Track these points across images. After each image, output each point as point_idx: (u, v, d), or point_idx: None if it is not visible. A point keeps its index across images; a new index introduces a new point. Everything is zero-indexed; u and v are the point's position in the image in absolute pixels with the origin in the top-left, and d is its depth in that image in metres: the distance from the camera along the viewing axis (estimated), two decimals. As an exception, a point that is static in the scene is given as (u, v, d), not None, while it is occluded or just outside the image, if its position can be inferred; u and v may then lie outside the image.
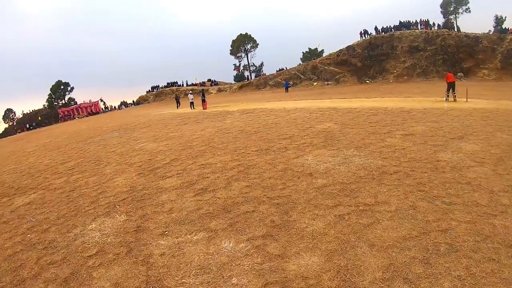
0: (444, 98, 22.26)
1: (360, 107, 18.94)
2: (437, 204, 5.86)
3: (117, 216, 7.27)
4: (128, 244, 5.72)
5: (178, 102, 43.52)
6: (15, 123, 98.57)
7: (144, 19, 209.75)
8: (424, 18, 69.44)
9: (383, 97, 27.52)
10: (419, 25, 67.30)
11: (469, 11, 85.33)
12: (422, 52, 60.53)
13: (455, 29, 67.01)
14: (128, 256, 5.33)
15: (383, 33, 67.47)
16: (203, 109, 31.75)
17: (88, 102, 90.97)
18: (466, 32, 61.96)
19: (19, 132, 76.39)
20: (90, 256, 5.57)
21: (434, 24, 67.19)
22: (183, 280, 4.58)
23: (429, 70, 58.45)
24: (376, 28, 69.33)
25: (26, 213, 8.84)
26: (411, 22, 68.51)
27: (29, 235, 7.20)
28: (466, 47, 57.67)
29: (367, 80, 61.89)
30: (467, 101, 20.77)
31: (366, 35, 69.56)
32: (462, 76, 53.61)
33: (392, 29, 67.61)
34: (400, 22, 69.38)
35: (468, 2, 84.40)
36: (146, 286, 4.61)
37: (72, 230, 6.98)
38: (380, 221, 5.35)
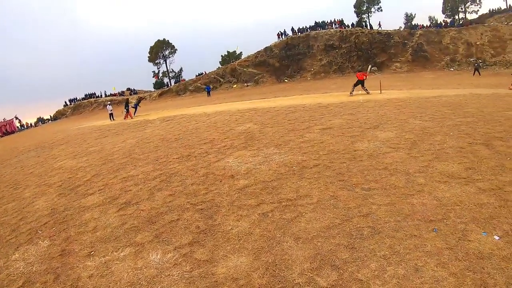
0: (349, 93, 23.28)
1: (279, 106, 19.30)
2: (357, 191, 6.16)
3: (40, 242, 6.99)
4: (55, 270, 5.55)
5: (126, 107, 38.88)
6: None
7: (54, 26, 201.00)
8: (338, 18, 72.12)
9: (301, 94, 28.26)
10: (333, 24, 69.94)
11: (381, 10, 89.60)
12: (337, 50, 63.99)
13: (368, 27, 70.30)
14: (56, 283, 5.17)
15: (299, 33, 69.73)
16: (126, 118, 31.04)
17: (2, 120, 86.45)
18: (378, 29, 65.60)
19: None
20: (16, 288, 5.32)
21: (348, 25, 70.06)
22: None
23: (344, 66, 61.94)
24: (292, 29, 71.33)
25: None
26: (326, 22, 71.05)
27: None
28: (379, 43, 62.25)
29: (286, 79, 63.38)
30: (381, 93, 21.85)
31: (283, 36, 71.34)
32: (376, 70, 56.42)
33: (308, 29, 69.80)
34: (316, 23, 71.96)
35: (380, 2, 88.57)
36: None
37: None
38: (303, 214, 5.54)
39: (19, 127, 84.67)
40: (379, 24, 68.76)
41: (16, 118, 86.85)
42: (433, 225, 4.85)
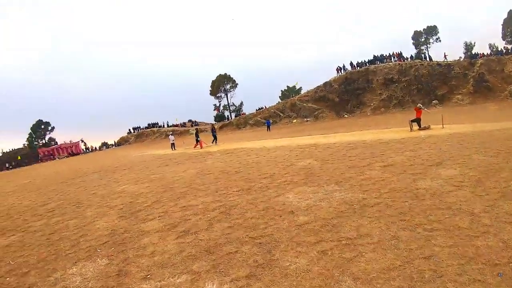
0: (409, 128, 22.71)
1: (339, 142, 19.16)
2: (419, 232, 5.90)
3: (98, 260, 7.16)
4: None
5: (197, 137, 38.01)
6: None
7: (127, 62, 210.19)
8: (397, 51, 71.28)
9: (361, 130, 27.96)
10: (392, 57, 69.06)
11: (440, 40, 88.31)
12: (397, 84, 62.84)
13: (427, 59, 68.90)
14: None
15: (358, 67, 69.30)
16: (199, 148, 31.55)
17: (69, 142, 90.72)
18: (438, 60, 64.42)
19: (-3, 172, 75.35)
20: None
21: (407, 58, 69.06)
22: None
23: (404, 101, 60.44)
24: (351, 64, 71.02)
25: (5, 256, 8.69)
26: (384, 55, 70.26)
27: (8, 279, 7.08)
28: (439, 75, 60.62)
29: (345, 114, 62.91)
30: (443, 128, 21.25)
31: (342, 70, 71.26)
32: (437, 103, 55.17)
33: (367, 64, 69.16)
34: (374, 56, 71.42)
35: (438, 32, 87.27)
36: None
37: (52, 274, 6.86)
38: (363, 253, 5.35)
39: (84, 149, 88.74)
40: (445, 55, 66.95)
41: (82, 141, 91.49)
42: (499, 269, 4.57)
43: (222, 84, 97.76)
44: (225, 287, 5.08)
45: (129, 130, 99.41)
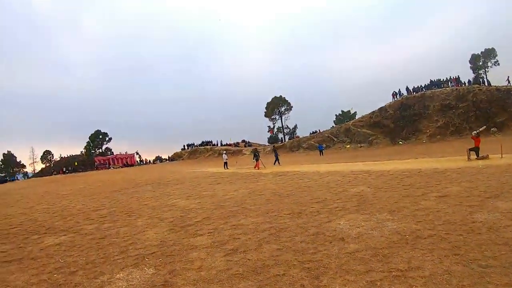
0: (467, 158, 21.82)
1: (394, 169, 18.75)
2: (473, 268, 5.61)
3: (145, 268, 7.29)
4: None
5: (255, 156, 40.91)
6: (52, 165, 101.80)
7: (181, 73, 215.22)
8: (454, 74, 69.37)
9: (416, 158, 27.25)
10: (449, 82, 67.16)
11: (498, 64, 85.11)
12: (454, 110, 60.16)
13: (486, 84, 66.22)
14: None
15: (414, 93, 67.72)
16: (257, 168, 31.76)
17: (124, 153, 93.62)
18: (497, 85, 61.28)
19: (54, 174, 79.06)
20: None
21: (464, 83, 66.90)
22: None
23: (462, 128, 57.72)
24: (407, 89, 69.65)
25: (55, 253, 9.09)
26: (441, 80, 68.52)
27: (56, 275, 7.35)
28: (498, 100, 57.08)
29: (400, 141, 61.43)
30: (502, 157, 20.29)
31: (397, 95, 69.90)
32: (496, 131, 52.54)
33: (423, 89, 67.65)
34: (431, 81, 69.66)
35: (497, 55, 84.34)
36: None
37: (99, 276, 7.07)
38: (414, 287, 5.14)
39: (139, 161, 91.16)
40: (508, 80, 62.88)
41: (137, 153, 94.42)
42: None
43: (277, 106, 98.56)
44: (271, 310, 5.04)
45: (183, 146, 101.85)
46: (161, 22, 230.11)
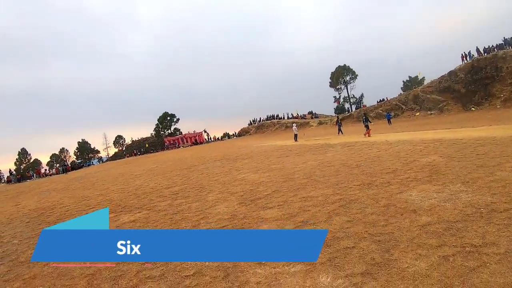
0: None
1: (466, 137, 18.00)
2: (554, 247, 5.37)
3: (217, 241, 7.53)
4: (226, 269, 5.89)
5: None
6: (124, 148, 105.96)
7: (241, 53, 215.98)
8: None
9: (490, 125, 25.99)
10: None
11: None
12: (531, 71, 55.49)
13: None
14: (224, 281, 5.48)
15: (485, 54, 62.82)
16: (368, 136, 30.44)
17: (193, 132, 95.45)
18: None
19: (127, 157, 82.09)
20: (187, 276, 5.85)
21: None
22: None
23: None
24: (477, 50, 65.05)
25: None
26: None
27: None
28: None
29: (472, 107, 58.18)
30: None
31: (467, 58, 65.67)
32: None
33: (495, 49, 62.69)
34: (505, 39, 64.27)
35: None
36: None
37: None
38: (487, 264, 4.97)
39: (207, 139, 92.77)
40: None
41: (205, 131, 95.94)
42: None
43: (341, 76, 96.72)
44: (339, 282, 5.06)
45: (250, 121, 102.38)
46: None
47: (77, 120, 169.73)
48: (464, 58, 66.38)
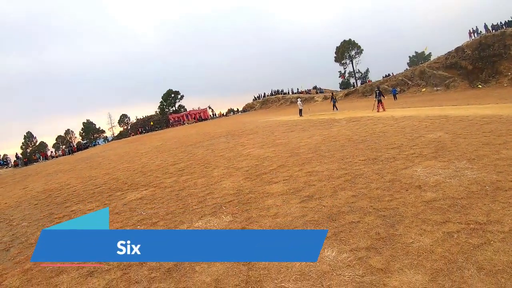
0: None
1: (473, 114, 17.85)
2: (558, 228, 5.35)
3: (223, 216, 7.66)
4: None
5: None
6: (129, 127, 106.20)
7: (245, 29, 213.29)
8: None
9: (497, 103, 25.77)
10: (535, 18, 60.83)
11: None
12: (539, 50, 54.28)
13: None
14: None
15: (493, 30, 61.73)
16: (381, 111, 29.19)
17: (197, 109, 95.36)
18: None
19: (133, 135, 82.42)
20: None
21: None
22: (282, 284, 4.70)
23: None
24: (485, 26, 63.91)
25: (137, 207, 9.73)
26: None
27: (138, 227, 7.95)
28: None
29: (479, 84, 57.37)
30: None
31: (475, 34, 64.59)
32: None
33: (504, 26, 61.66)
34: None
35: None
36: (245, 285, 4.81)
37: (179, 225, 7.55)
38: (492, 242, 4.98)
39: (212, 115, 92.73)
40: None
41: (209, 107, 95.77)
42: None
43: (347, 50, 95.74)
44: (344, 256, 5.12)
45: (254, 97, 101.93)
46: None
47: (82, 101, 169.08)
48: (472, 34, 65.38)
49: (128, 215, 9.09)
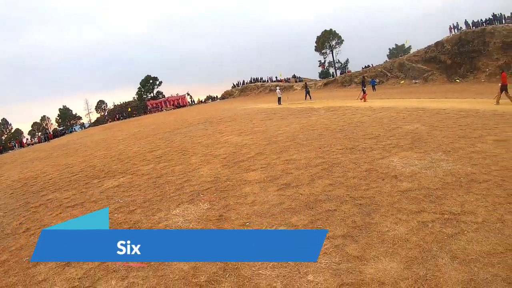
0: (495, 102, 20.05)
1: (450, 108, 18.05)
2: (529, 220, 5.46)
3: (200, 204, 7.66)
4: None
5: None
6: (106, 113, 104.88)
7: (230, 19, 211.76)
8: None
9: (474, 98, 26.15)
10: (514, 17, 61.97)
11: None
12: (516, 49, 55.50)
13: None
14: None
15: (474, 27, 62.74)
16: (364, 101, 29.16)
17: (176, 95, 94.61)
18: None
19: (110, 122, 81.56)
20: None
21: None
22: (260, 272, 4.76)
23: None
24: (466, 22, 64.84)
25: (114, 195, 9.64)
26: (504, 15, 63.30)
27: (116, 215, 7.88)
28: None
29: (457, 79, 58.16)
30: None
31: (456, 29, 65.49)
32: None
33: (484, 23, 62.80)
34: (494, 15, 64.07)
35: None
36: (223, 273, 4.89)
37: (156, 213, 7.53)
38: (465, 232, 5.09)
39: (190, 102, 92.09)
40: None
41: (188, 94, 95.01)
42: None
43: (327, 40, 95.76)
44: (320, 244, 5.17)
45: (233, 84, 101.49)
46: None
47: (57, 87, 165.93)
48: (452, 30, 66.15)
49: (105, 203, 8.99)
